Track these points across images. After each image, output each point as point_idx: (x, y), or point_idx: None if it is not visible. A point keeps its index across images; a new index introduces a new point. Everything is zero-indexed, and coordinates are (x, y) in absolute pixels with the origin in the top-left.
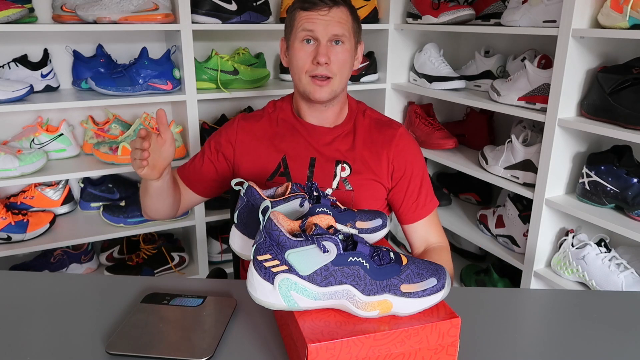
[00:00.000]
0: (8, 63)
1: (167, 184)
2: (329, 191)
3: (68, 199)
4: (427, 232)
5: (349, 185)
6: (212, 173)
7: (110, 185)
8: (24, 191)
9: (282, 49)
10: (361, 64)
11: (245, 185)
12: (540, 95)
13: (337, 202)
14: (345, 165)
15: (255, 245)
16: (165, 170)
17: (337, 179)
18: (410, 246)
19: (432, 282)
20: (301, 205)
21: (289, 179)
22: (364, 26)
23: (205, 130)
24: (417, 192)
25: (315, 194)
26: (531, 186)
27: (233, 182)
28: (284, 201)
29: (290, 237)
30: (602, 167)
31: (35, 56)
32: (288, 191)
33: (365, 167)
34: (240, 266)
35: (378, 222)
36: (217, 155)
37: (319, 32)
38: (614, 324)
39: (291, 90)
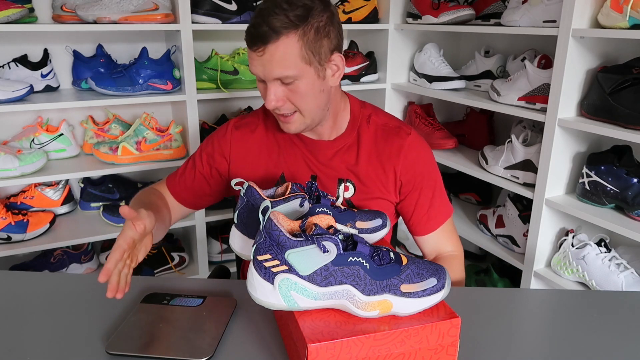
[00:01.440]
0: (8, 63)
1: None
2: None
3: (68, 199)
4: (439, 243)
5: (353, 206)
6: (206, 188)
7: (110, 185)
8: (24, 191)
9: None
10: (361, 63)
11: (245, 185)
12: (540, 95)
13: (336, 202)
14: (349, 184)
15: (255, 245)
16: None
17: (340, 199)
18: (420, 253)
19: (432, 282)
20: (301, 205)
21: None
22: (364, 26)
23: (205, 130)
24: (428, 203)
25: (315, 194)
26: (531, 186)
27: (233, 182)
28: (284, 201)
29: (290, 237)
30: (602, 167)
31: (35, 56)
32: (288, 191)
33: (371, 184)
34: (241, 271)
35: (378, 222)
36: (211, 170)
37: (261, 75)
38: (614, 324)
39: None
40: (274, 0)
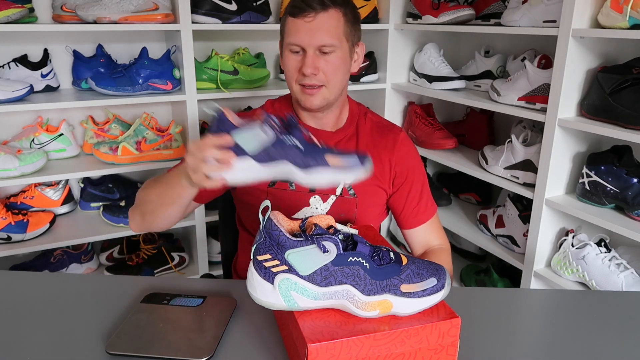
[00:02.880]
0: (8, 63)
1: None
2: (332, 198)
3: (68, 199)
4: (427, 237)
5: (353, 192)
6: None
7: (110, 185)
8: (24, 191)
9: (280, 51)
10: (361, 64)
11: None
12: (540, 95)
13: (312, 136)
14: None
15: (255, 245)
16: None
17: (341, 185)
18: (410, 250)
19: (432, 282)
20: (263, 131)
21: (291, 185)
22: (364, 26)
23: (205, 130)
24: (417, 197)
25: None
26: (531, 186)
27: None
28: (246, 129)
29: (290, 237)
30: (602, 167)
31: (35, 56)
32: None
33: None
34: (232, 269)
35: (354, 159)
36: None
37: (304, 42)
38: (614, 324)
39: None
40: None
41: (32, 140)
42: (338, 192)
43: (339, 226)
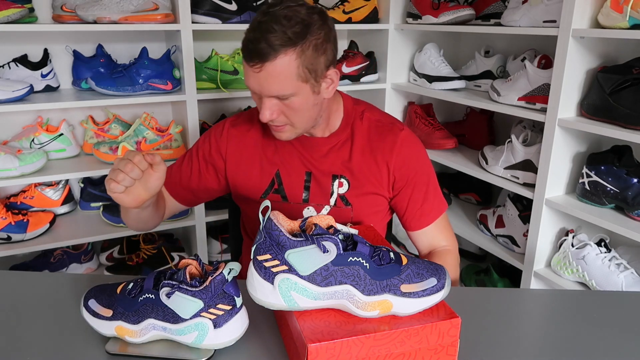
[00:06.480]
0: (8, 63)
1: (148, 209)
2: (326, 208)
3: (68, 198)
4: (433, 238)
5: (348, 202)
6: (201, 185)
7: None
8: (24, 191)
9: None
10: (361, 64)
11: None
12: (540, 95)
13: None
14: (342, 180)
15: (255, 245)
16: (148, 201)
17: (335, 196)
18: (416, 250)
19: (432, 282)
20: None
21: (284, 197)
22: (364, 26)
23: (205, 130)
24: (421, 199)
25: None
26: (531, 186)
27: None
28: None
29: (290, 237)
30: (602, 167)
31: (35, 56)
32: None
33: (364, 180)
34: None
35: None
36: (207, 166)
37: (256, 90)
38: (614, 324)
39: None
40: (273, 13)
41: (32, 140)
42: (332, 202)
43: (339, 226)
